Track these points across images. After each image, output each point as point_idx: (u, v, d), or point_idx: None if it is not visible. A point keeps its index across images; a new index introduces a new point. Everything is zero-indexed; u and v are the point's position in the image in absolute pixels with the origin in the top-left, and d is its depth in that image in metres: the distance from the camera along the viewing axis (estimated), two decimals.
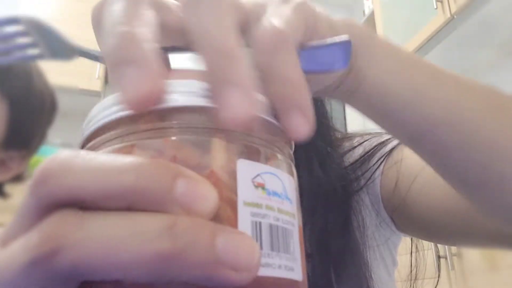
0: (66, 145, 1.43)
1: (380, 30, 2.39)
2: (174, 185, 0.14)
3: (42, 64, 0.65)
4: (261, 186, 0.16)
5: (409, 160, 0.44)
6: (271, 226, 0.16)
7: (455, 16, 1.82)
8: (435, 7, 1.87)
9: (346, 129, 0.68)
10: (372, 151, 0.49)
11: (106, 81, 2.62)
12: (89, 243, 0.13)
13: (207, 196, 0.14)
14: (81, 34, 2.88)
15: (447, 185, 0.32)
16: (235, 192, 0.16)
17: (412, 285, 0.49)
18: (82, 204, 0.14)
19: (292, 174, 0.18)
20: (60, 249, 0.13)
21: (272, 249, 0.16)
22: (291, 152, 0.20)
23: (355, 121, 3.05)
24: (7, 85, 0.54)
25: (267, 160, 0.17)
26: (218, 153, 0.16)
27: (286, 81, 0.18)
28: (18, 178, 0.58)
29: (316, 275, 0.43)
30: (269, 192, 0.16)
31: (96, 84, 2.37)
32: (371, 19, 2.56)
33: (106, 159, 0.14)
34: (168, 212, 0.14)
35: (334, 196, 0.46)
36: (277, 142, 0.18)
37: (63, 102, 0.71)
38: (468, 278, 1.46)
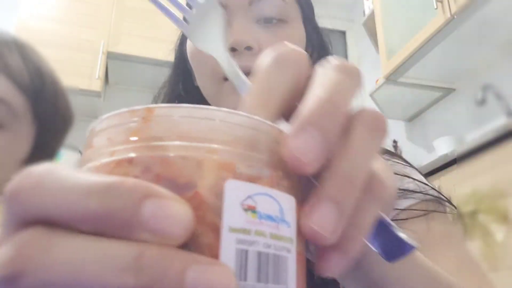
0: (65, 144, 1.43)
1: (380, 30, 2.39)
2: (141, 207, 0.13)
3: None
4: (251, 209, 0.15)
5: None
6: (259, 254, 0.14)
7: (455, 16, 1.82)
8: (435, 7, 1.87)
9: None
10: (404, 193, 0.45)
11: (106, 81, 2.63)
12: (52, 269, 0.13)
13: (178, 218, 0.13)
14: (81, 34, 2.87)
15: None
16: (220, 216, 0.14)
17: None
18: (53, 222, 0.14)
19: (295, 194, 0.17)
20: (24, 272, 0.13)
21: (258, 280, 0.14)
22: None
23: None
24: (39, 107, 0.55)
25: (261, 179, 0.16)
26: (208, 172, 0.15)
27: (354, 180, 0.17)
28: None
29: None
30: (261, 216, 0.15)
31: (96, 84, 2.36)
32: (371, 19, 2.56)
33: (79, 178, 0.14)
34: (137, 237, 0.13)
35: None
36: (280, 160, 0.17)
37: None
38: None
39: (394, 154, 0.54)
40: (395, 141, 2.58)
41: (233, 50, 0.46)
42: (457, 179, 1.58)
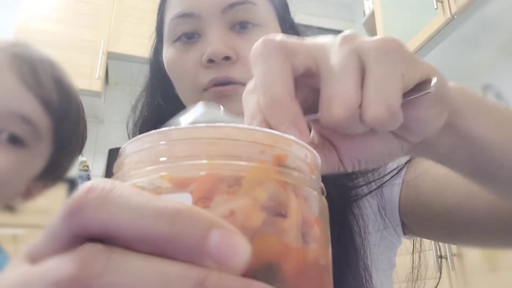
0: None
1: (380, 30, 2.39)
2: (208, 237, 0.14)
3: None
4: None
5: (433, 168, 0.45)
6: None
7: (455, 16, 1.82)
8: (435, 7, 1.87)
9: None
10: None
11: (106, 81, 2.62)
12: None
13: (241, 250, 0.14)
14: (81, 34, 2.86)
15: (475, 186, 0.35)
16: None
17: (413, 286, 0.49)
18: (112, 241, 0.14)
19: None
20: None
21: None
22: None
23: None
24: (61, 130, 0.56)
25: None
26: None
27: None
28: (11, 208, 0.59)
29: None
30: None
31: (96, 84, 2.36)
32: (371, 19, 2.56)
33: (144, 199, 0.14)
34: (199, 264, 0.14)
35: (330, 202, 0.46)
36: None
37: None
38: (468, 278, 1.45)
39: None
40: None
41: (210, 61, 0.47)
42: None
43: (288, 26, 0.56)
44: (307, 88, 0.26)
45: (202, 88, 0.48)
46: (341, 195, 0.47)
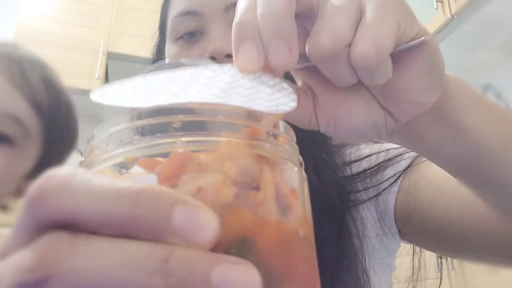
0: None
1: None
2: (171, 214, 0.13)
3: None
4: None
5: (429, 178, 0.44)
6: None
7: (455, 16, 1.82)
8: (435, 7, 1.87)
9: None
10: (384, 163, 0.48)
11: (106, 81, 2.62)
12: (80, 273, 0.13)
13: (207, 225, 0.14)
14: (81, 34, 2.86)
15: (473, 200, 0.33)
16: None
17: (413, 286, 0.49)
18: (76, 226, 0.14)
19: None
20: (51, 277, 0.13)
21: None
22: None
23: None
24: (51, 131, 0.56)
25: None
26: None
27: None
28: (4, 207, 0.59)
29: None
30: None
31: (96, 84, 2.36)
32: None
33: (105, 182, 0.14)
34: (165, 242, 0.13)
35: (329, 203, 0.46)
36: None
37: None
38: (468, 278, 1.45)
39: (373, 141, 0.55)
40: None
41: (213, 58, 0.47)
42: None
43: None
44: (303, 31, 0.25)
45: None
46: (340, 196, 0.47)
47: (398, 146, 0.50)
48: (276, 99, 0.21)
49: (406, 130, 0.28)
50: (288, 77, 0.26)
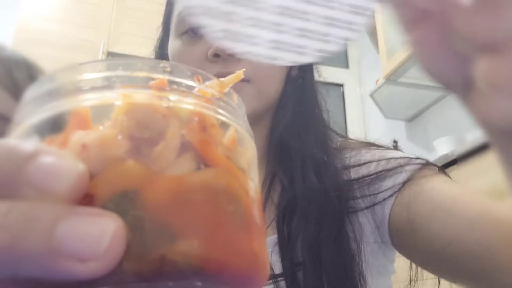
0: None
1: (380, 30, 2.39)
2: (27, 166, 0.13)
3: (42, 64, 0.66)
4: None
5: (429, 194, 0.43)
6: None
7: None
8: None
9: (346, 133, 0.68)
10: (384, 173, 0.48)
11: None
12: None
13: (63, 173, 0.13)
14: (81, 34, 2.86)
15: (466, 223, 0.34)
16: None
17: (413, 286, 0.49)
18: None
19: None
20: None
21: None
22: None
23: (356, 126, 3.05)
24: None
25: None
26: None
27: None
28: None
29: (308, 283, 0.43)
30: None
31: None
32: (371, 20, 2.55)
33: None
34: (21, 195, 0.13)
35: (328, 205, 0.46)
36: None
37: None
38: None
39: (370, 144, 0.55)
40: (395, 141, 2.58)
41: (216, 56, 0.47)
42: (457, 179, 1.57)
43: None
44: None
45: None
46: (340, 199, 0.47)
47: (401, 155, 0.49)
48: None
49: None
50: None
